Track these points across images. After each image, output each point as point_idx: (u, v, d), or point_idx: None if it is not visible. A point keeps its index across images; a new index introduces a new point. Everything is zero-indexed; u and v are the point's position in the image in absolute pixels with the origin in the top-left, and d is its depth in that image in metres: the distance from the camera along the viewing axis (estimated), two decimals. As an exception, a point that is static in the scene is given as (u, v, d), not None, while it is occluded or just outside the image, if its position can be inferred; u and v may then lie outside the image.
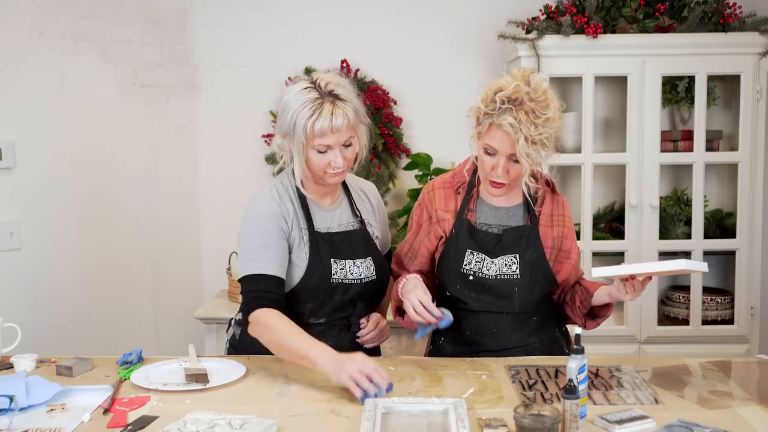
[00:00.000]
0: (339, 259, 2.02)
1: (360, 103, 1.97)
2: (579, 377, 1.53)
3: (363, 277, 2.05)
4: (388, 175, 3.46)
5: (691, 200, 3.17)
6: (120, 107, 3.27)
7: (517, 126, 1.77)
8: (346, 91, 1.94)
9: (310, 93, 1.90)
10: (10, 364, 1.97)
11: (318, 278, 2.00)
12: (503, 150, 1.84)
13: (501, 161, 1.85)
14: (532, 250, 1.97)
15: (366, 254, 2.07)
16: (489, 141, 1.85)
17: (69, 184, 3.10)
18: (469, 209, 2.02)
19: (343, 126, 1.89)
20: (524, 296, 1.98)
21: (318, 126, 1.86)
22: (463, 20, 3.49)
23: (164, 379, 1.85)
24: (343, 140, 1.92)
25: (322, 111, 1.87)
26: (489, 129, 1.84)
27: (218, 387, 1.80)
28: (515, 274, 1.96)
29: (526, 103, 1.78)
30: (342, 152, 1.93)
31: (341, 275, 2.02)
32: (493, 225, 2.00)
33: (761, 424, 1.55)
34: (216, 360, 2.00)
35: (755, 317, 3.17)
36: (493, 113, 1.81)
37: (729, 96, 3.35)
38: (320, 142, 1.89)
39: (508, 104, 1.79)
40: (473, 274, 1.97)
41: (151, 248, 3.40)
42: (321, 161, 1.92)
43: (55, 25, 3.04)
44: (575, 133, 3.21)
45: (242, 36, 3.52)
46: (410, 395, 1.72)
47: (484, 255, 1.97)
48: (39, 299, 3.00)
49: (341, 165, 1.93)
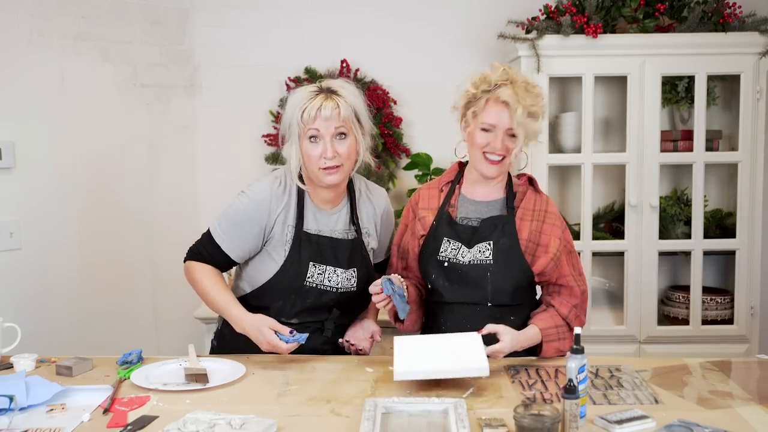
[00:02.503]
0: (319, 264, 2.03)
1: (363, 106, 2.02)
2: (579, 377, 1.53)
3: (341, 287, 2.05)
4: (388, 175, 3.46)
5: (691, 200, 3.17)
6: (120, 107, 3.27)
7: (515, 97, 1.90)
8: (345, 91, 1.99)
9: (310, 88, 2.00)
10: (10, 364, 1.98)
11: (291, 278, 2.01)
12: (502, 123, 1.93)
13: (499, 134, 1.93)
14: (507, 238, 1.99)
15: (350, 265, 2.06)
16: (486, 118, 1.94)
17: (69, 184, 3.10)
18: (450, 204, 2.06)
19: (333, 115, 1.94)
20: (496, 283, 1.97)
21: (307, 111, 1.94)
22: (463, 20, 3.49)
23: (164, 379, 1.85)
24: (333, 128, 1.95)
25: (315, 100, 1.96)
26: (486, 105, 1.94)
27: (218, 387, 1.80)
28: (488, 259, 1.98)
29: (519, 80, 1.94)
30: (334, 144, 1.95)
31: (317, 280, 2.03)
32: (473, 218, 2.04)
33: (761, 424, 1.56)
34: (216, 360, 2.01)
35: (755, 317, 3.17)
36: (490, 89, 1.93)
37: (729, 96, 3.35)
38: (310, 126, 1.95)
39: (502, 83, 1.93)
40: (448, 260, 2.00)
41: (151, 248, 3.40)
42: (314, 152, 1.96)
43: (55, 25, 3.04)
44: (575, 133, 3.22)
45: (242, 36, 3.52)
46: (410, 395, 1.72)
47: (461, 244, 2.00)
48: (39, 299, 3.00)
49: (331, 155, 1.95)
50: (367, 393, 1.76)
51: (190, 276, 2.11)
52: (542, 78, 3.07)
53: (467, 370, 1.69)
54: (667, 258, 3.41)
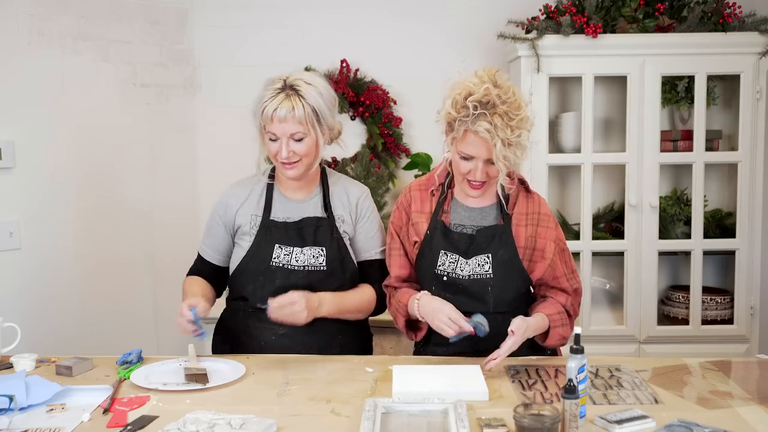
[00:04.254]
0: (285, 246, 2.07)
1: (323, 104, 2.00)
2: (579, 377, 1.53)
3: (307, 264, 2.06)
4: (388, 174, 3.46)
5: (691, 200, 3.17)
6: (120, 107, 3.27)
7: (493, 131, 1.80)
8: (309, 88, 1.99)
9: (275, 84, 2.00)
10: (10, 364, 1.98)
11: (258, 261, 2.07)
12: (480, 155, 1.86)
13: (479, 165, 1.88)
14: (505, 249, 1.97)
15: (315, 243, 2.07)
16: (465, 148, 1.87)
17: (69, 183, 3.10)
18: (444, 210, 2.04)
19: (288, 117, 1.95)
20: (497, 296, 1.98)
21: (266, 111, 1.97)
22: (463, 20, 3.49)
23: (164, 379, 1.85)
24: (290, 132, 1.98)
25: (275, 99, 1.97)
26: (464, 136, 1.85)
27: (218, 387, 1.80)
28: (488, 273, 1.97)
29: (499, 107, 1.80)
30: (290, 144, 1.99)
31: (284, 260, 2.06)
32: (467, 225, 2.02)
33: (761, 424, 1.56)
34: (216, 360, 2.01)
35: (755, 317, 3.17)
36: (467, 119, 1.82)
37: (729, 96, 3.35)
38: (268, 128, 1.99)
39: (481, 109, 1.80)
40: (447, 275, 1.99)
41: (151, 248, 3.40)
42: (272, 149, 2.02)
43: (55, 25, 3.04)
44: (575, 133, 3.22)
45: (242, 36, 3.52)
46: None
47: (458, 256, 1.99)
48: (39, 299, 3.00)
49: (285, 156, 1.99)
50: (367, 393, 1.76)
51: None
52: (542, 78, 3.07)
53: (467, 393, 1.70)
54: (667, 258, 3.41)
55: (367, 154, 3.38)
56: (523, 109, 1.84)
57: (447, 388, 1.72)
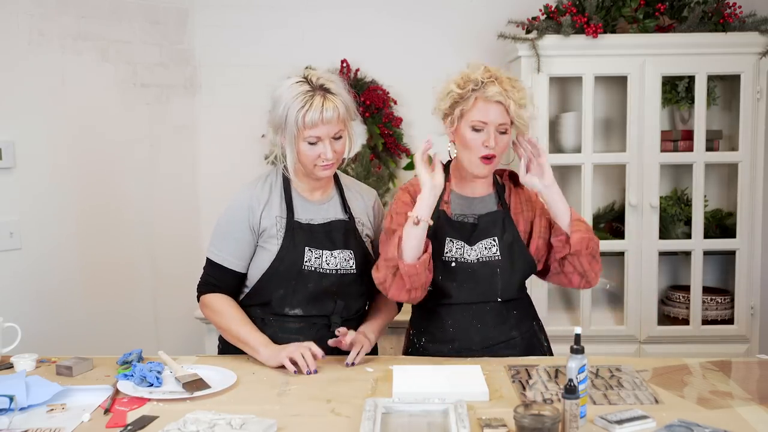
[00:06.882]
0: (315, 248, 2.03)
1: (351, 99, 2.02)
2: (579, 377, 1.53)
3: (339, 268, 2.05)
4: (388, 174, 3.46)
5: (691, 200, 3.17)
6: (120, 107, 3.27)
7: (505, 93, 1.91)
8: (336, 86, 1.99)
9: (301, 86, 1.96)
10: (10, 364, 1.98)
11: (289, 263, 2.01)
12: (493, 120, 1.93)
13: (491, 131, 1.93)
14: (509, 232, 2.03)
15: (346, 246, 2.06)
16: (477, 116, 1.94)
17: (69, 184, 3.10)
18: (445, 201, 2.06)
19: (333, 118, 1.94)
20: (506, 279, 2.01)
21: (309, 117, 1.92)
22: (463, 20, 3.49)
23: (164, 388, 1.80)
24: (333, 132, 1.96)
25: (313, 103, 1.92)
26: (474, 104, 1.93)
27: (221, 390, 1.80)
28: (496, 256, 2.01)
29: (503, 77, 1.94)
30: (332, 145, 1.97)
31: (315, 264, 2.02)
32: (468, 215, 2.05)
33: (761, 424, 1.56)
34: (205, 367, 1.93)
35: (755, 317, 3.17)
36: (477, 89, 1.92)
37: (729, 96, 3.35)
38: (311, 133, 1.94)
39: (489, 79, 1.92)
40: (455, 260, 2.01)
41: (151, 248, 3.40)
42: (312, 153, 1.97)
43: (55, 25, 3.04)
44: (575, 133, 3.22)
45: (242, 36, 3.52)
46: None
47: (462, 242, 2.02)
48: (39, 299, 3.00)
49: (331, 157, 1.96)
50: (367, 393, 1.76)
51: (207, 313, 2.10)
52: (542, 78, 3.07)
53: (467, 394, 1.70)
54: (667, 258, 3.41)
55: (367, 154, 3.38)
56: (520, 80, 1.99)
57: (447, 388, 1.73)
